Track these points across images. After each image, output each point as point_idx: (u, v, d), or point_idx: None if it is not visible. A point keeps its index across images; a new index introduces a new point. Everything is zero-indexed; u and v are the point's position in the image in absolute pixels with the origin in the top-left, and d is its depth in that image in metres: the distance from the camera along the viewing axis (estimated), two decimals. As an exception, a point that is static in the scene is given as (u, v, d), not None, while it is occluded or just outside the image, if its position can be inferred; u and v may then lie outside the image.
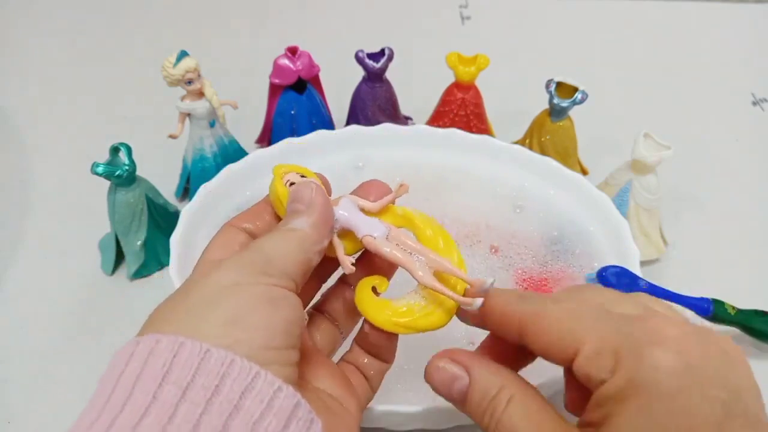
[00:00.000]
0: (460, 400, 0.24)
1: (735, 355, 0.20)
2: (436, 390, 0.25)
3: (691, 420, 0.18)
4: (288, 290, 0.23)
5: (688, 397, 0.18)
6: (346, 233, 0.27)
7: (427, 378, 0.25)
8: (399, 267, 0.27)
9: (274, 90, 0.51)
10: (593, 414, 0.20)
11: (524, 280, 0.40)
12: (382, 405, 0.32)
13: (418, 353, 0.36)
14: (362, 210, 0.27)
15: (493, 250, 0.42)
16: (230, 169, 0.45)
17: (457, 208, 0.44)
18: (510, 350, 0.26)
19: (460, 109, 0.52)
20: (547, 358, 0.23)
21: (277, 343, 0.21)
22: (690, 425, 0.18)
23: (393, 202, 0.28)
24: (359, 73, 0.51)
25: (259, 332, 0.20)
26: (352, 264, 0.26)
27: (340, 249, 0.27)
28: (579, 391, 0.23)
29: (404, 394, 0.34)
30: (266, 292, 0.22)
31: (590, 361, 0.20)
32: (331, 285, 0.30)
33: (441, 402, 0.29)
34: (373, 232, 0.26)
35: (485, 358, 0.25)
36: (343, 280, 0.30)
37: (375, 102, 0.52)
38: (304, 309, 0.27)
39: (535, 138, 0.50)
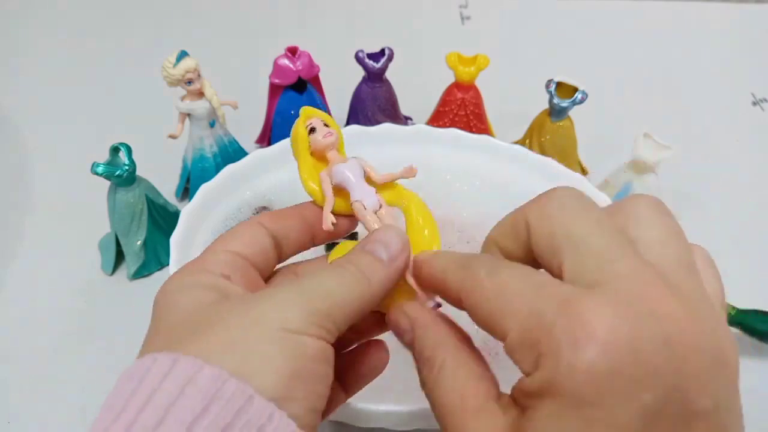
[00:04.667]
0: (412, 351, 0.24)
1: (678, 342, 0.17)
2: (397, 338, 0.24)
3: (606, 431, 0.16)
4: (329, 344, 0.21)
5: (606, 405, 0.16)
6: (341, 191, 0.27)
7: (389, 325, 0.25)
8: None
9: (274, 90, 0.51)
10: (518, 397, 0.19)
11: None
12: (382, 405, 0.32)
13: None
14: (367, 177, 0.28)
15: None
16: (230, 169, 0.45)
17: (456, 208, 0.44)
18: None
19: (460, 109, 0.52)
20: (485, 330, 0.21)
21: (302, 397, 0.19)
22: None
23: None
24: (359, 73, 0.51)
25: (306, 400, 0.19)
26: (333, 224, 0.26)
27: (330, 204, 0.27)
28: None
29: (405, 395, 0.34)
30: (318, 352, 0.20)
31: (514, 350, 0.19)
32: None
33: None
34: (365, 200, 0.27)
35: (430, 312, 0.24)
36: None
37: (375, 102, 0.52)
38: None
39: (535, 138, 0.50)
